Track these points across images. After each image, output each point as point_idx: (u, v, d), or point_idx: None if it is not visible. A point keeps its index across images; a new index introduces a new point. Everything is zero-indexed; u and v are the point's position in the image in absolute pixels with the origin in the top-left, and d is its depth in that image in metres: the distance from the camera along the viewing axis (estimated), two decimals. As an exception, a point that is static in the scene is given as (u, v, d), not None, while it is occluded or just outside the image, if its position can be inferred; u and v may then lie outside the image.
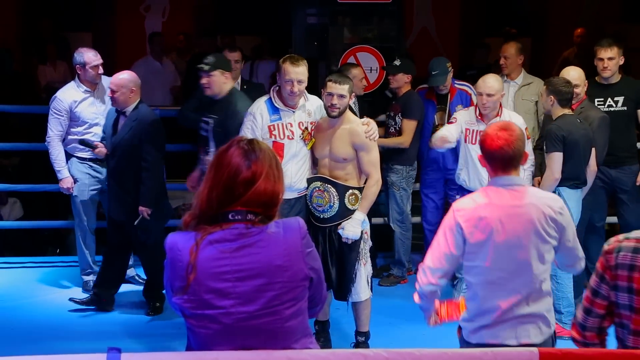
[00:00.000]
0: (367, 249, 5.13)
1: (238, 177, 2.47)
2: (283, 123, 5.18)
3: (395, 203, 6.70)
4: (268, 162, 2.51)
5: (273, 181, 2.51)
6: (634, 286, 2.78)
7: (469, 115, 5.89)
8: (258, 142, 2.56)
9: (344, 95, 4.99)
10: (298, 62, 5.09)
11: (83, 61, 6.15)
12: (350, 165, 5.06)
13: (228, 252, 2.45)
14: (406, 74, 6.60)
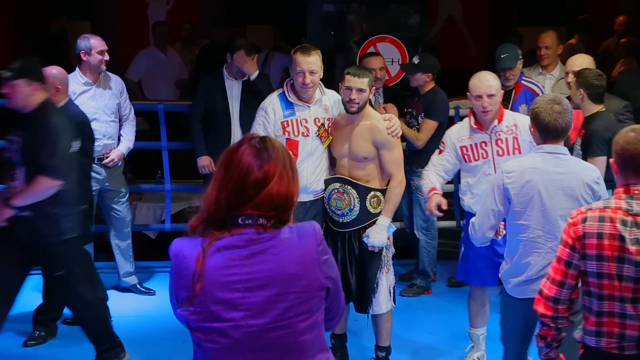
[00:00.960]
0: (389, 257, 5.11)
1: (249, 177, 2.45)
2: (297, 119, 5.17)
3: (420, 209, 6.67)
4: (282, 161, 2.49)
5: (287, 182, 2.48)
6: (604, 253, 3.11)
7: (460, 129, 5.19)
8: (271, 140, 2.53)
9: (364, 89, 4.97)
10: (309, 51, 5.10)
11: (89, 46, 6.15)
12: (371, 165, 5.04)
13: (237, 260, 2.43)
14: (425, 73, 6.50)
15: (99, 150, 6.23)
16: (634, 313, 3.09)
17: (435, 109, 6.51)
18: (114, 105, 6.32)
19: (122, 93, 6.43)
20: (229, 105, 6.46)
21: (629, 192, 3.15)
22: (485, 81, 5.04)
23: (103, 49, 6.19)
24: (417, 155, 6.58)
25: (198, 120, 6.52)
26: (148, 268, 7.18)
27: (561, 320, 3.27)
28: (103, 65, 6.20)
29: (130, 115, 6.52)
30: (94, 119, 6.18)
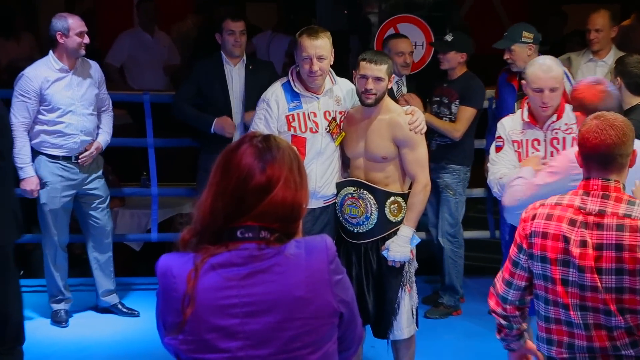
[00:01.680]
0: (412, 272, 5.11)
1: (249, 183, 2.43)
2: (305, 112, 5.18)
3: (448, 212, 6.69)
4: (288, 164, 2.47)
5: (294, 189, 2.47)
6: (548, 255, 3.22)
7: (512, 122, 5.08)
8: (275, 139, 2.52)
9: (381, 77, 4.98)
10: (317, 34, 5.11)
11: (67, 26, 6.16)
12: (391, 166, 5.04)
13: (235, 280, 2.41)
14: (459, 52, 6.57)
15: (75, 148, 6.27)
16: (580, 322, 3.17)
17: (472, 95, 6.57)
18: (93, 96, 6.33)
19: (102, 83, 6.46)
20: (229, 95, 6.50)
21: (587, 188, 3.22)
22: (548, 71, 4.80)
23: (82, 31, 6.21)
24: (448, 149, 6.61)
25: (184, 100, 6.50)
26: (131, 285, 7.21)
27: (513, 319, 3.46)
28: (82, 50, 6.22)
29: (108, 107, 6.54)
30: (69, 111, 6.23)
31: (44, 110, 6.21)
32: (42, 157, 6.28)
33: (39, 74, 6.17)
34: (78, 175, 6.33)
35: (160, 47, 9.38)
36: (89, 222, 6.50)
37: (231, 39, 6.50)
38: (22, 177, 6.24)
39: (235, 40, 6.50)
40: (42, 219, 6.41)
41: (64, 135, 6.22)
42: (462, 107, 6.55)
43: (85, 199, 6.43)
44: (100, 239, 6.53)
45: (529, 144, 4.95)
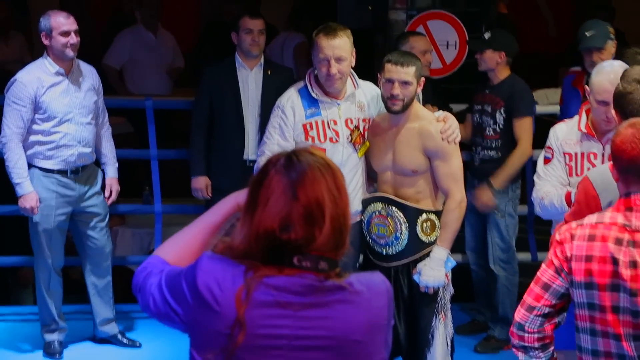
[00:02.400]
0: (447, 299, 5.12)
1: (290, 216, 2.43)
2: (324, 120, 5.23)
3: (499, 236, 6.66)
4: (322, 182, 2.47)
5: (337, 207, 2.47)
6: (594, 280, 3.19)
7: (567, 131, 5.02)
8: (298, 157, 2.50)
9: (409, 81, 5.01)
10: (335, 32, 5.15)
11: (49, 26, 6.17)
12: (421, 180, 5.07)
13: (291, 309, 2.42)
14: (497, 50, 6.53)
15: (72, 161, 6.27)
16: (634, 354, 3.14)
17: (523, 102, 6.53)
18: (92, 103, 6.35)
19: (99, 89, 6.49)
20: (241, 104, 6.52)
21: (629, 204, 3.21)
22: (617, 83, 4.57)
23: (67, 30, 6.18)
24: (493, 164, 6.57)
25: (200, 125, 6.61)
26: (132, 313, 7.17)
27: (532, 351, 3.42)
28: (69, 51, 6.18)
29: (105, 122, 6.57)
30: (67, 120, 6.23)
31: (38, 119, 6.22)
32: (35, 170, 6.28)
33: (33, 79, 6.17)
34: (74, 191, 6.34)
35: (164, 48, 9.39)
36: (86, 243, 6.50)
37: (248, 38, 6.53)
38: (19, 194, 6.23)
39: (252, 39, 6.53)
40: (34, 239, 6.40)
41: (60, 147, 6.24)
42: (517, 119, 6.48)
43: (82, 217, 6.45)
44: (99, 261, 6.53)
45: (585, 157, 4.90)
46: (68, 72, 6.26)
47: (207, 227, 2.66)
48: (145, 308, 2.58)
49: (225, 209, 2.66)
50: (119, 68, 9.20)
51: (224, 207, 2.67)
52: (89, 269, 6.56)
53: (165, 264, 2.60)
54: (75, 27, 6.22)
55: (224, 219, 2.65)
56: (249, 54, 6.57)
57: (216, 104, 6.56)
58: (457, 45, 7.40)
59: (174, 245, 2.67)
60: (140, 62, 9.20)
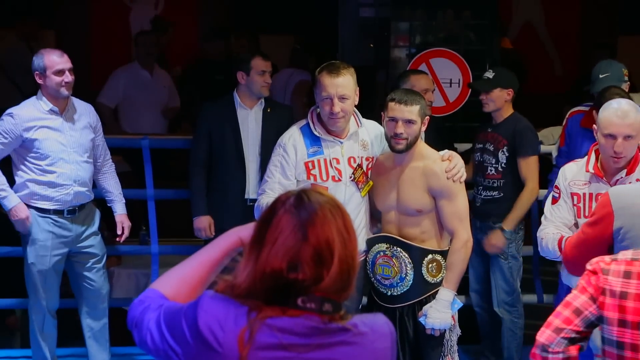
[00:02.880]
0: (454, 340, 5.14)
1: (299, 258, 2.45)
2: (326, 158, 5.26)
3: (502, 278, 6.67)
4: (332, 223, 2.48)
5: (345, 248, 2.48)
6: (627, 318, 3.15)
7: (575, 171, 5.04)
8: (309, 196, 2.52)
9: (413, 120, 5.04)
10: (339, 70, 5.18)
11: (43, 65, 6.18)
12: (426, 220, 5.10)
13: (296, 351, 2.44)
14: (505, 88, 6.56)
15: (68, 201, 6.28)
16: None
17: (528, 141, 6.54)
18: (88, 141, 6.36)
19: (97, 127, 6.50)
20: (242, 143, 6.56)
21: None
22: (624, 117, 4.74)
23: (62, 69, 6.18)
24: (496, 204, 6.59)
25: (199, 164, 6.64)
26: (128, 356, 7.14)
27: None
28: (63, 90, 6.19)
29: (107, 160, 6.60)
30: (61, 158, 6.23)
31: (32, 159, 6.23)
32: (31, 210, 6.29)
33: (24, 115, 6.19)
34: (71, 232, 6.35)
35: (160, 87, 9.42)
36: (82, 284, 6.49)
37: (261, 79, 6.55)
38: (9, 208, 6.24)
39: (264, 81, 6.56)
40: (29, 280, 6.40)
41: (55, 186, 6.24)
42: (522, 160, 6.51)
43: (78, 258, 6.45)
44: (95, 303, 6.53)
45: (593, 198, 4.89)
46: (62, 111, 6.27)
47: (207, 261, 2.66)
48: (142, 344, 2.57)
49: (227, 244, 2.66)
50: (113, 107, 9.21)
51: (225, 242, 2.67)
52: (85, 312, 6.55)
53: (164, 299, 2.60)
54: (69, 65, 6.23)
55: (224, 254, 2.65)
56: (259, 95, 6.60)
57: (216, 142, 6.59)
58: (460, 83, 7.43)
59: (172, 279, 2.67)
60: (135, 101, 9.23)
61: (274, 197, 4.97)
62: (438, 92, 7.28)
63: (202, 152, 6.63)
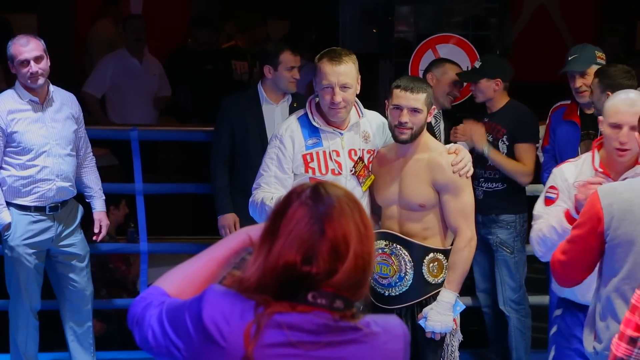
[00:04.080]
0: (455, 345, 5.14)
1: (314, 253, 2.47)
2: (325, 150, 5.26)
3: (508, 274, 6.69)
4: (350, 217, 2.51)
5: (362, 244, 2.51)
6: None
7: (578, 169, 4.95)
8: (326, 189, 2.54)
9: (419, 109, 5.05)
10: (340, 58, 5.17)
11: (10, 54, 6.16)
12: (430, 216, 5.11)
13: (303, 348, 2.47)
14: (492, 78, 6.60)
15: (50, 197, 6.29)
16: None
17: (526, 127, 6.60)
18: (70, 133, 6.36)
19: (80, 118, 6.50)
20: (267, 140, 6.37)
21: None
22: (631, 105, 4.66)
23: (26, 58, 6.10)
24: (498, 196, 6.63)
25: (221, 160, 6.65)
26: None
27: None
28: (29, 81, 6.15)
29: (88, 153, 6.59)
30: (43, 152, 6.24)
31: (12, 153, 6.24)
32: (11, 208, 6.30)
33: (3, 108, 6.19)
34: (52, 230, 6.35)
35: (150, 75, 9.45)
36: (64, 286, 6.50)
37: (289, 75, 6.56)
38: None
39: (293, 76, 6.56)
40: (9, 281, 6.43)
41: (36, 182, 6.25)
42: (519, 145, 6.56)
43: (60, 258, 6.46)
44: (79, 305, 6.53)
45: None
46: (43, 101, 6.26)
47: (214, 260, 2.68)
48: (142, 342, 2.59)
49: (235, 243, 2.69)
50: (100, 96, 9.23)
51: (233, 241, 2.70)
52: (68, 314, 6.55)
53: (166, 296, 2.62)
54: (35, 53, 6.12)
55: (233, 253, 2.68)
56: (286, 91, 6.61)
57: (239, 139, 6.61)
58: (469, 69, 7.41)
59: (176, 276, 2.69)
60: (123, 90, 9.26)
61: (270, 191, 5.07)
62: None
63: (224, 148, 6.64)
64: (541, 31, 11.28)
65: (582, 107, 6.48)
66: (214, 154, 6.72)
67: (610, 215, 3.98)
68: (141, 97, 9.36)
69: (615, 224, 3.98)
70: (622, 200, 3.98)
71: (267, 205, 5.07)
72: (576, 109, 6.51)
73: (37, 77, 6.15)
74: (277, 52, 6.61)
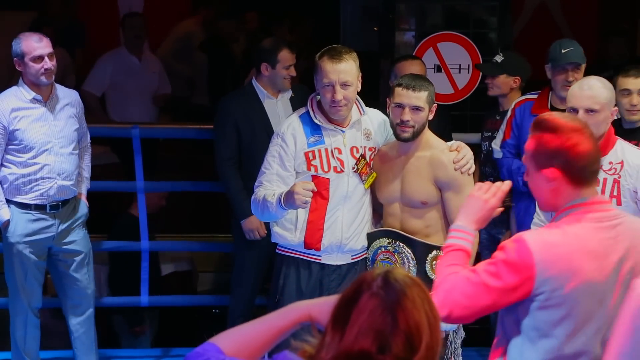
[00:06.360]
0: (458, 343, 5.19)
1: (388, 339, 2.52)
2: (327, 148, 5.29)
3: None
4: (420, 305, 2.55)
5: (433, 335, 2.55)
6: None
7: None
8: (396, 278, 2.58)
9: (421, 107, 5.08)
10: (341, 56, 5.19)
11: (20, 51, 6.16)
12: (432, 213, 5.15)
13: None
14: (511, 75, 6.65)
15: (51, 195, 6.28)
16: None
17: None
18: (72, 131, 6.35)
19: (81, 115, 6.51)
20: None
21: None
22: (587, 89, 4.95)
23: (40, 54, 6.15)
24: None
25: (231, 163, 6.59)
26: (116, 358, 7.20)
27: None
28: (43, 77, 6.17)
29: (87, 144, 6.61)
30: (45, 150, 6.23)
31: (14, 151, 6.23)
32: (11, 206, 6.31)
33: (6, 107, 6.18)
34: (53, 228, 6.35)
35: (149, 72, 9.46)
36: (66, 284, 6.50)
37: (286, 73, 6.57)
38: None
39: (289, 74, 6.59)
40: (10, 279, 6.43)
41: (37, 180, 6.24)
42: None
43: (61, 256, 6.45)
44: (80, 303, 6.52)
45: None
46: (46, 99, 6.26)
47: (273, 328, 2.75)
48: None
49: (295, 316, 2.75)
50: (99, 95, 9.25)
51: (293, 313, 2.76)
52: (70, 312, 6.55)
53: (223, 354, 2.68)
54: (49, 50, 6.20)
55: (291, 325, 2.75)
56: (281, 89, 6.64)
57: (245, 138, 6.58)
58: (470, 69, 7.46)
59: (234, 336, 2.75)
60: (123, 87, 9.26)
61: (272, 189, 5.10)
62: (446, 79, 7.33)
63: (233, 150, 6.59)
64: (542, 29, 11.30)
65: (552, 102, 6.36)
66: (222, 157, 6.64)
67: (546, 274, 3.41)
68: (141, 95, 9.37)
69: (553, 285, 3.43)
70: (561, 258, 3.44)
71: (269, 202, 5.11)
72: (546, 103, 6.37)
73: (51, 73, 6.20)
74: (275, 51, 6.61)
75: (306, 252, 5.29)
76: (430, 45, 7.50)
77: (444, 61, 7.37)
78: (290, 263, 5.35)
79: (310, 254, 5.24)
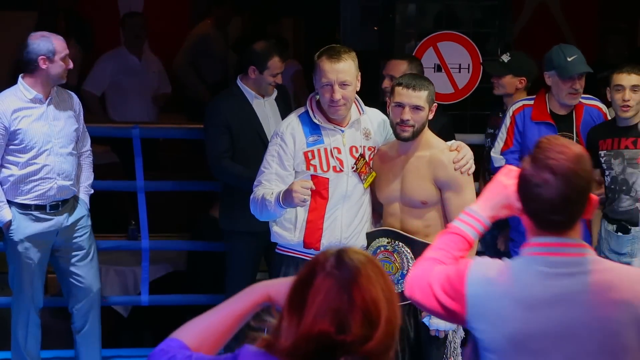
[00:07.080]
0: (458, 343, 5.18)
1: (346, 325, 2.52)
2: (327, 147, 5.30)
3: None
4: (376, 281, 2.56)
5: (391, 310, 2.56)
6: None
7: None
8: (350, 256, 2.59)
9: (421, 106, 5.08)
10: (339, 55, 5.19)
11: (52, 49, 6.15)
12: (431, 212, 5.15)
13: None
14: (517, 76, 6.65)
15: (51, 196, 6.28)
16: None
17: None
18: (72, 132, 6.35)
19: (80, 116, 6.51)
20: (266, 136, 6.43)
21: None
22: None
23: (67, 54, 6.23)
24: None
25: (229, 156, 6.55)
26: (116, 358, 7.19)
27: None
28: (65, 76, 6.25)
29: (86, 148, 6.60)
30: (45, 150, 6.23)
31: (13, 151, 6.22)
32: (11, 206, 6.31)
33: (7, 107, 6.16)
34: (53, 228, 6.35)
35: (150, 72, 9.48)
36: (70, 281, 6.49)
37: (272, 80, 6.55)
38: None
39: (275, 81, 6.57)
40: (12, 278, 6.44)
41: (37, 180, 6.24)
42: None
43: (64, 253, 6.46)
44: (85, 302, 6.53)
45: None
46: (47, 98, 6.26)
47: (233, 314, 2.74)
48: None
49: (254, 298, 2.75)
50: (99, 94, 9.26)
51: (252, 297, 2.76)
52: (74, 311, 6.55)
53: (187, 349, 2.67)
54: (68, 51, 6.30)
55: (251, 308, 2.74)
56: (265, 93, 6.61)
57: (236, 138, 6.56)
58: (470, 69, 7.45)
59: (195, 328, 2.74)
60: (123, 87, 9.27)
61: (270, 188, 5.11)
62: (446, 78, 7.34)
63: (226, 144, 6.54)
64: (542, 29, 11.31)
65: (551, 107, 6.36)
66: (218, 151, 6.56)
67: (474, 310, 3.19)
68: (141, 95, 9.38)
69: (483, 325, 3.18)
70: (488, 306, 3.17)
71: (267, 200, 5.12)
72: (545, 109, 6.37)
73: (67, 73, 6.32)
74: (266, 57, 6.57)
75: (305, 251, 5.29)
76: (430, 45, 7.49)
77: (444, 61, 7.38)
78: (290, 262, 5.36)
79: (310, 253, 5.23)
